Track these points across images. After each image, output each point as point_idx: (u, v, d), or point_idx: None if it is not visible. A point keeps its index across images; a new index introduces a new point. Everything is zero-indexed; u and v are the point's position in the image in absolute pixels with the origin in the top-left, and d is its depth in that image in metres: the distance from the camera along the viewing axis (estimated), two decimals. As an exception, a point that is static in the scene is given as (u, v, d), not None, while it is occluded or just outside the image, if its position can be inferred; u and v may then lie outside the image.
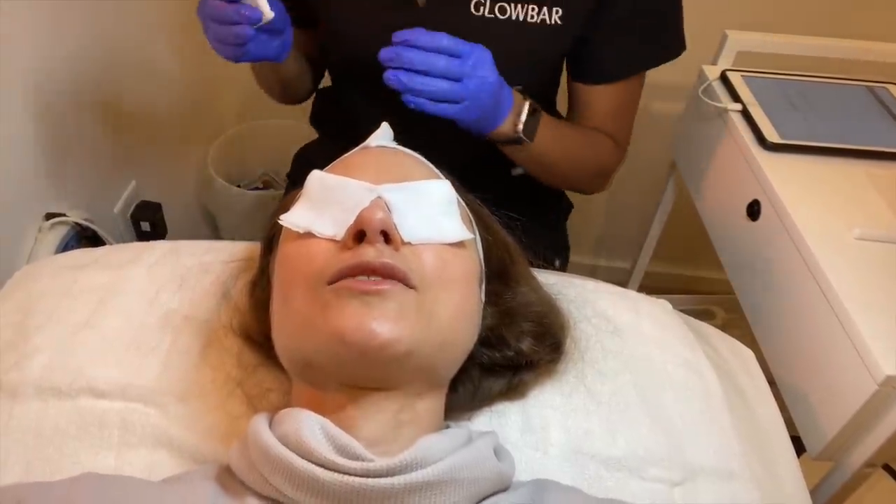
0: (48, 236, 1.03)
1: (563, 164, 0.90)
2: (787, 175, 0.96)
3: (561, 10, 0.81)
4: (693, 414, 0.69)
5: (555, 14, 0.81)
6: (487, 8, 0.81)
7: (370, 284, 0.50)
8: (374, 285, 0.50)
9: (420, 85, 0.72)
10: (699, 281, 1.74)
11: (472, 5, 0.81)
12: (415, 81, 0.72)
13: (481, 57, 0.74)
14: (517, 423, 0.65)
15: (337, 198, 0.56)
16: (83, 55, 1.10)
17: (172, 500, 0.48)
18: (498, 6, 0.81)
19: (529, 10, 0.81)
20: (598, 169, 0.96)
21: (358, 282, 0.50)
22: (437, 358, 0.54)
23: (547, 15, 0.81)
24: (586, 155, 0.92)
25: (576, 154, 0.91)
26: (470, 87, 0.74)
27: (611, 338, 0.74)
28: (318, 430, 0.48)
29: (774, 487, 0.68)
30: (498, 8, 0.81)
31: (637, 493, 0.62)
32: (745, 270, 1.02)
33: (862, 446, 0.80)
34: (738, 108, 1.07)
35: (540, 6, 0.81)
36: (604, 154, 0.94)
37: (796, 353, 0.88)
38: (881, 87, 1.16)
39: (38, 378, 0.64)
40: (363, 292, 0.49)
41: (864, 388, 0.75)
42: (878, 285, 0.82)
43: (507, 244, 0.67)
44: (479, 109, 0.76)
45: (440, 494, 0.46)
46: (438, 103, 0.74)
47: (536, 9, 0.81)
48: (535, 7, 0.81)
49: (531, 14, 0.81)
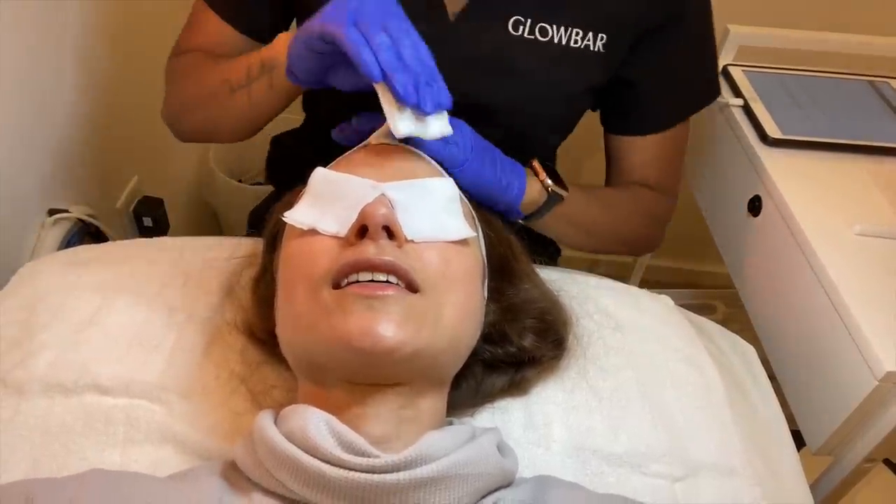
0: (51, 233, 1.03)
1: (605, 220, 0.85)
2: (788, 170, 0.96)
3: (605, 37, 0.76)
4: (694, 410, 0.70)
5: (599, 41, 0.76)
6: (528, 28, 0.75)
7: (374, 289, 0.50)
8: (379, 290, 0.50)
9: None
10: (700, 275, 1.74)
11: (511, 24, 0.75)
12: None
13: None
14: (519, 420, 0.66)
15: (340, 195, 0.56)
16: (85, 51, 1.10)
17: (179, 496, 0.49)
18: (539, 27, 0.75)
19: (573, 35, 0.75)
20: (650, 222, 0.90)
21: (362, 286, 0.50)
22: (443, 358, 0.54)
23: (591, 41, 0.76)
24: (630, 208, 0.87)
25: (618, 207, 0.86)
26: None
27: (612, 334, 0.74)
28: (324, 427, 0.49)
29: (775, 482, 0.68)
30: (539, 29, 0.75)
31: (639, 488, 0.62)
32: (746, 266, 1.02)
33: (862, 441, 0.80)
34: (739, 102, 1.07)
35: (585, 30, 0.76)
36: (647, 206, 0.88)
37: (797, 348, 0.88)
38: (883, 82, 1.16)
39: (43, 375, 0.65)
40: (367, 297, 0.50)
41: (865, 383, 0.75)
42: (879, 281, 0.82)
43: (510, 241, 0.68)
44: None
45: (444, 490, 0.47)
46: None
47: (581, 33, 0.76)
48: (580, 31, 0.75)
49: (574, 38, 0.76)
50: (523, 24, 0.75)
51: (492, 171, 0.70)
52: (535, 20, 0.75)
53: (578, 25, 0.75)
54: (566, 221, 0.79)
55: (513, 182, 0.72)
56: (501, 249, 0.66)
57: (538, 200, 0.75)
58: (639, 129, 0.86)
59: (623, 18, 0.76)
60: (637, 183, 0.88)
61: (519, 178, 0.72)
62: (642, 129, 0.86)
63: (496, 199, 0.71)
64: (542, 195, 0.75)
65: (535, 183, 0.75)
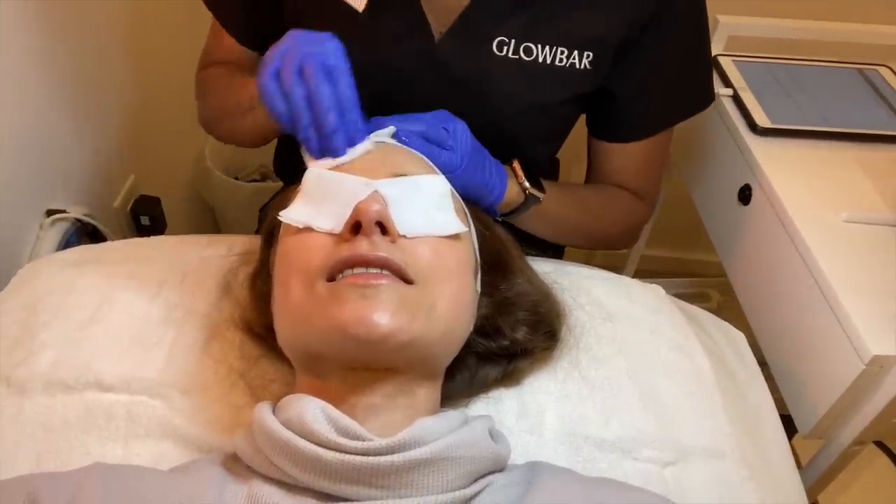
0: (49, 233, 1.04)
1: (578, 220, 0.86)
2: (777, 159, 0.97)
3: (592, 55, 0.76)
4: (684, 396, 0.71)
5: (585, 59, 0.76)
6: (512, 48, 0.75)
7: (368, 278, 0.51)
8: (373, 279, 0.51)
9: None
10: (695, 264, 1.75)
11: (495, 44, 0.75)
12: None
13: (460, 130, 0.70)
14: (513, 409, 0.67)
15: (334, 193, 0.58)
16: (82, 52, 1.11)
17: (181, 487, 0.50)
18: (524, 46, 0.75)
19: (558, 53, 0.75)
20: (623, 226, 0.91)
21: (356, 276, 0.52)
22: (437, 348, 0.55)
23: (577, 59, 0.76)
24: (604, 210, 0.88)
25: (593, 209, 0.86)
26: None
27: (604, 324, 0.75)
28: (320, 414, 0.50)
29: (764, 466, 0.70)
30: (523, 49, 0.75)
31: (629, 473, 0.64)
32: (737, 254, 1.03)
33: (851, 424, 0.82)
34: (729, 93, 1.08)
35: (570, 49, 0.75)
36: (622, 209, 0.89)
37: (786, 334, 0.89)
38: (872, 70, 1.17)
39: (45, 373, 0.66)
40: (362, 286, 0.51)
41: (852, 367, 0.76)
42: (866, 267, 0.83)
43: (502, 236, 0.69)
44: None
45: (437, 472, 0.49)
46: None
47: (566, 52, 0.75)
48: (565, 50, 0.75)
49: (560, 57, 0.75)
50: (507, 44, 0.75)
51: (481, 175, 0.71)
52: (519, 40, 0.75)
53: (563, 45, 0.75)
54: (539, 218, 0.80)
55: (495, 185, 0.73)
56: (494, 245, 0.68)
57: (516, 202, 0.76)
58: (622, 137, 0.86)
59: (606, 38, 0.76)
60: (617, 185, 0.89)
61: (501, 181, 0.74)
62: (626, 137, 0.86)
63: (478, 202, 0.72)
64: (520, 197, 0.76)
65: (515, 185, 0.76)
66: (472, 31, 0.75)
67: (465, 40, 0.75)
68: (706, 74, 0.86)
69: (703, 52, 0.84)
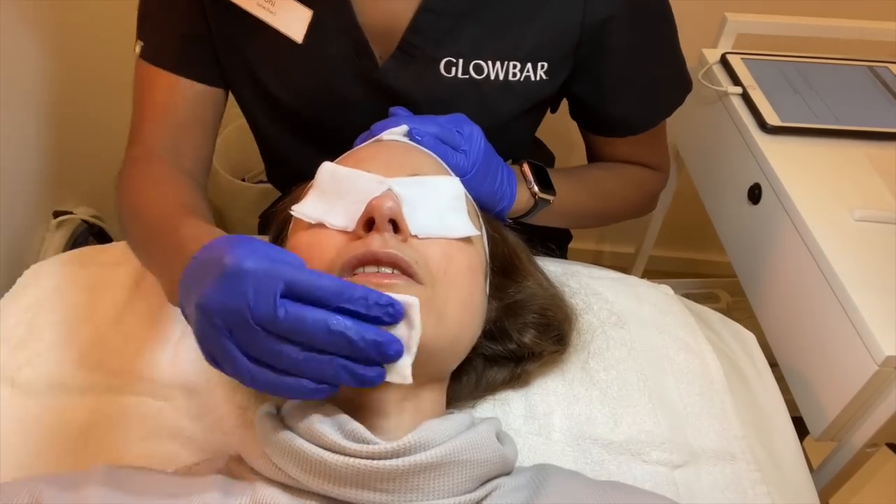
0: (56, 234, 1.04)
1: (592, 206, 0.84)
2: (787, 158, 0.96)
3: (546, 65, 0.74)
4: (694, 397, 0.70)
5: (540, 69, 0.73)
6: (461, 68, 0.72)
7: (381, 278, 0.51)
8: (385, 279, 0.51)
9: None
10: (704, 264, 1.74)
11: (442, 65, 0.72)
12: None
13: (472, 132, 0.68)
14: (520, 411, 0.66)
15: (348, 189, 0.57)
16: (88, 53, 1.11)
17: (185, 489, 0.50)
18: (473, 65, 0.72)
19: (510, 68, 0.73)
20: (637, 199, 0.90)
21: (367, 275, 0.51)
22: (444, 355, 0.55)
23: (531, 71, 0.73)
24: (617, 189, 0.86)
25: (605, 192, 0.85)
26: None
27: (612, 325, 0.74)
28: (325, 417, 0.49)
29: (775, 468, 0.69)
30: (473, 67, 0.72)
31: (639, 475, 0.63)
32: (746, 254, 1.02)
33: (864, 426, 0.81)
34: (738, 91, 1.07)
35: (522, 63, 0.73)
36: (634, 184, 0.87)
37: (797, 334, 0.88)
38: (882, 67, 1.16)
39: (51, 374, 0.66)
40: (375, 285, 0.50)
41: (865, 368, 0.75)
42: (878, 266, 0.82)
43: (513, 241, 0.68)
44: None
45: (444, 475, 0.48)
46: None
47: (518, 66, 0.73)
48: (517, 63, 0.72)
49: (513, 72, 0.73)
50: (455, 64, 0.72)
51: (491, 183, 0.70)
52: (467, 59, 0.72)
53: (515, 59, 0.72)
54: (551, 213, 0.79)
55: (505, 193, 0.72)
56: (504, 249, 0.67)
57: (526, 207, 0.75)
58: (610, 133, 0.84)
59: (559, 45, 0.73)
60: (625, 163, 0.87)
61: (511, 190, 0.72)
62: (614, 133, 0.84)
63: (486, 209, 0.70)
64: (530, 202, 0.75)
65: (524, 191, 0.74)
66: (416, 53, 0.72)
67: (409, 63, 0.72)
68: (678, 62, 0.83)
69: (670, 40, 0.81)
